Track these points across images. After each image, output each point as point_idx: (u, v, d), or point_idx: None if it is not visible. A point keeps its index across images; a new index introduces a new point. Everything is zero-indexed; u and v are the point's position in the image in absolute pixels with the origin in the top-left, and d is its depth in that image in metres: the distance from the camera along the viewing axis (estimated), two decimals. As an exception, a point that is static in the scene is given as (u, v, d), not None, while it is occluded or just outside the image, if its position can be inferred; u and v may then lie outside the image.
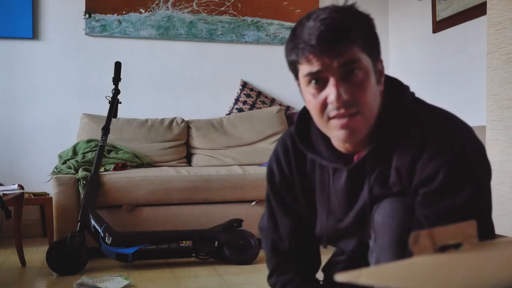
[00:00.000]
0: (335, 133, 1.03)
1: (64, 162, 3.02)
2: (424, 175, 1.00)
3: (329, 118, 1.01)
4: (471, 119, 3.53)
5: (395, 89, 1.10)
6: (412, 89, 1.13)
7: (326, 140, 1.13)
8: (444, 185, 0.99)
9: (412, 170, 1.02)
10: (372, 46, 1.02)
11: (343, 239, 1.21)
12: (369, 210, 1.09)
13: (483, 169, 1.04)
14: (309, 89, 1.02)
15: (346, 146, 1.10)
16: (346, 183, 1.12)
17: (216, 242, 2.57)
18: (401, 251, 0.99)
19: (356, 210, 1.12)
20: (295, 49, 1.00)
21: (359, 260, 1.14)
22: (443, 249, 0.61)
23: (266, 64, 3.93)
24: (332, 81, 0.98)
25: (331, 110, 1.00)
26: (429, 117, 1.05)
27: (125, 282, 2.20)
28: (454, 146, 1.00)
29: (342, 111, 0.99)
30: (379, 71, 1.05)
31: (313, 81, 1.00)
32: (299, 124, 1.18)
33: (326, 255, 1.34)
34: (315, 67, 0.98)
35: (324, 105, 1.00)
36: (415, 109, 1.07)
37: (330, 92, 0.98)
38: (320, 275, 1.33)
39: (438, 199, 0.99)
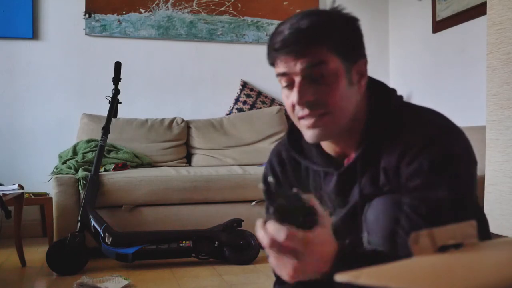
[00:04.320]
0: (305, 133, 1.06)
1: (64, 162, 3.02)
2: (408, 173, 1.02)
3: (299, 118, 1.05)
4: (471, 119, 3.52)
5: (381, 92, 1.11)
6: (410, 90, 1.14)
7: (317, 145, 1.15)
8: (427, 180, 1.00)
9: (398, 170, 1.04)
10: (347, 48, 1.03)
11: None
12: (360, 210, 1.11)
13: (467, 168, 1.05)
14: (283, 91, 1.07)
15: (335, 149, 1.12)
16: (337, 186, 1.14)
17: (216, 242, 2.57)
18: (393, 246, 1.00)
19: (346, 211, 1.14)
20: (268, 53, 1.08)
21: None
22: (443, 249, 0.61)
23: (266, 64, 3.89)
24: (296, 83, 1.02)
25: (298, 110, 1.03)
26: (415, 119, 1.06)
27: (125, 282, 2.21)
28: (438, 145, 1.01)
29: (306, 112, 1.01)
30: (360, 72, 1.05)
31: (284, 83, 1.05)
32: (291, 132, 1.21)
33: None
34: (281, 69, 1.04)
35: (293, 106, 1.04)
36: (402, 111, 1.08)
37: (294, 93, 1.02)
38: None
39: (422, 195, 1.00)
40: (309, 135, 1.05)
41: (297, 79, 1.01)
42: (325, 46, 1.00)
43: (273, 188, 0.99)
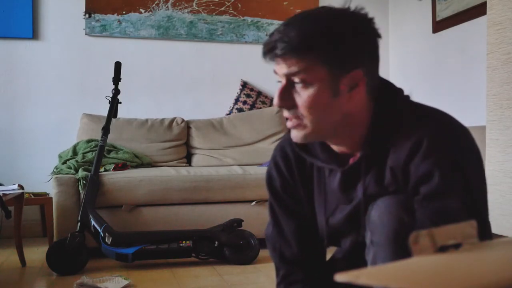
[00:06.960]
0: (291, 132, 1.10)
1: (64, 162, 3.02)
2: (419, 174, 1.02)
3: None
4: (471, 119, 3.53)
5: (388, 92, 1.12)
6: (410, 90, 1.15)
7: (322, 142, 1.16)
8: (441, 185, 1.00)
9: (406, 170, 1.04)
10: (337, 59, 1.00)
11: (340, 238, 1.23)
12: (363, 209, 1.11)
13: (477, 167, 1.07)
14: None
15: (340, 148, 1.13)
16: (341, 183, 1.14)
17: (216, 242, 2.57)
18: (398, 246, 1.00)
19: (350, 209, 1.14)
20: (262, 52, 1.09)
21: (356, 258, 1.16)
22: (443, 249, 0.61)
23: (266, 64, 3.88)
24: (279, 85, 1.05)
25: (283, 111, 1.07)
26: (422, 118, 1.07)
27: (125, 282, 2.20)
28: (447, 146, 1.02)
29: (286, 114, 1.05)
30: (351, 83, 1.03)
31: (278, 80, 1.07)
32: None
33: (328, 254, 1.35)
34: (274, 67, 1.07)
35: None
36: (409, 110, 1.09)
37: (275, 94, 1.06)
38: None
39: (438, 199, 1.00)
40: (292, 135, 1.08)
41: (281, 82, 1.05)
42: (312, 54, 0.99)
43: None
